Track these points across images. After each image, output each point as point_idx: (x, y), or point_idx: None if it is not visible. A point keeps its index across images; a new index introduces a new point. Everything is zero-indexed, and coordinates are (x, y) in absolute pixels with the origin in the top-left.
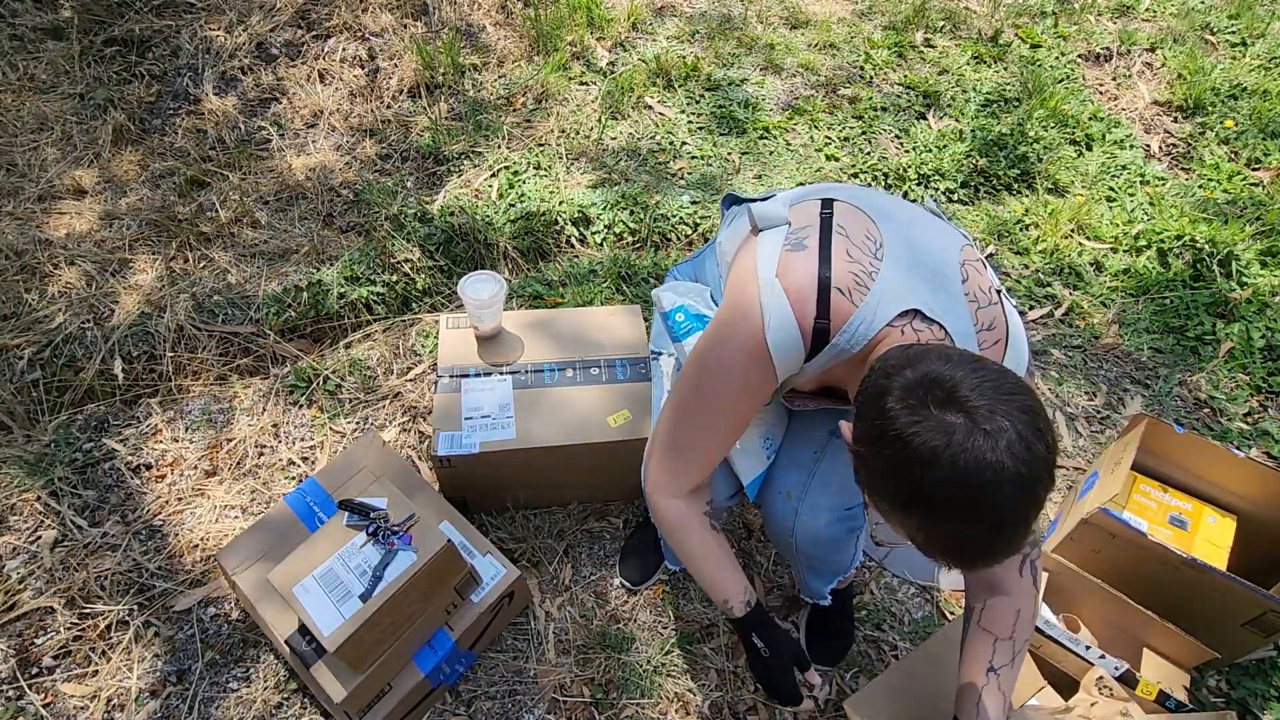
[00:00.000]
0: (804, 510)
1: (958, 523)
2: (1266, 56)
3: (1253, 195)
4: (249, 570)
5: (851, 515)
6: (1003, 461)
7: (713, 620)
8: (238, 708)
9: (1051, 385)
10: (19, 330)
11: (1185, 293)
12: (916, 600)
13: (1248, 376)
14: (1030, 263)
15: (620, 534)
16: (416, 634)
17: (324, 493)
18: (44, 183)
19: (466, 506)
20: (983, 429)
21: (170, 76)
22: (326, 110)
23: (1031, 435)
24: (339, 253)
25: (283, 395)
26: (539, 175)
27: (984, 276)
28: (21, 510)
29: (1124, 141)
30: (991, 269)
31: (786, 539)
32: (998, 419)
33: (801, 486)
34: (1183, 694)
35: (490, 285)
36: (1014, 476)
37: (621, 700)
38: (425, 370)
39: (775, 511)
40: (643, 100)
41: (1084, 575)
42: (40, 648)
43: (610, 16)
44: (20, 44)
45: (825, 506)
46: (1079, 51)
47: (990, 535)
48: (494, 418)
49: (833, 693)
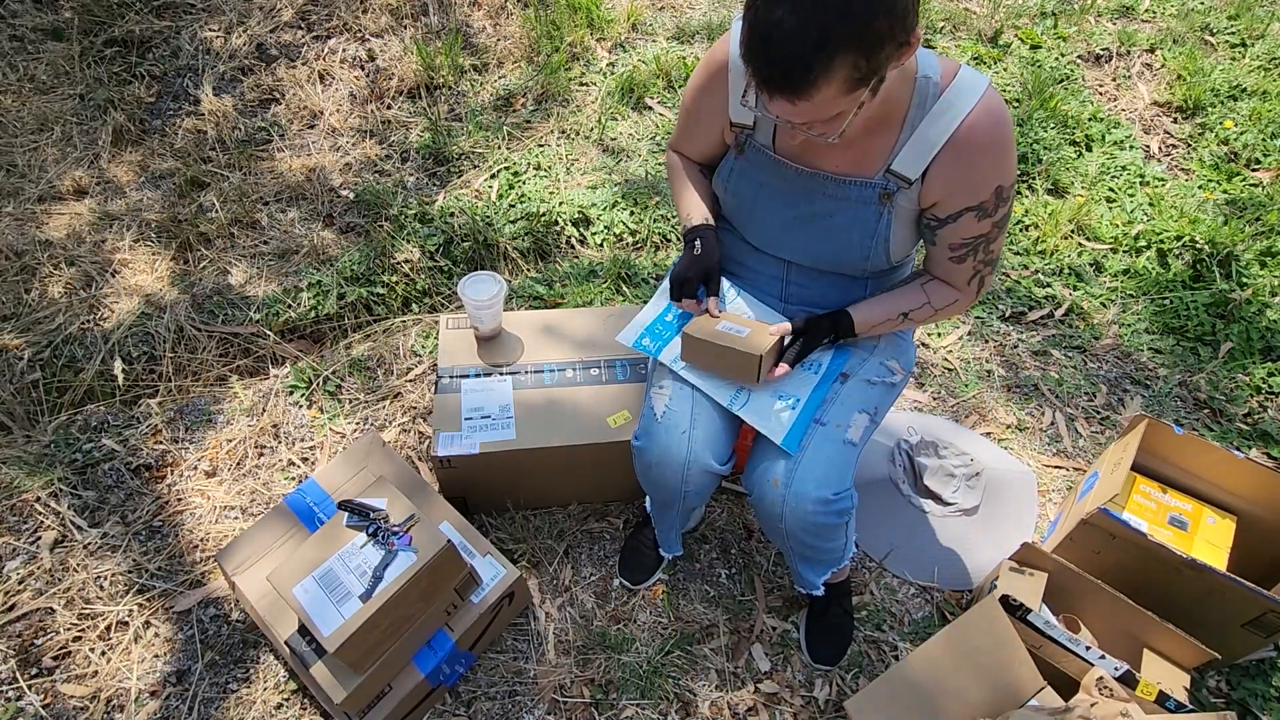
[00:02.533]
0: (791, 497)
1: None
2: (1266, 57)
3: (1253, 195)
4: (249, 571)
5: (839, 499)
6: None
7: (713, 620)
8: (238, 708)
9: (1051, 385)
10: (19, 330)
11: (1185, 293)
12: (916, 600)
13: (1248, 376)
14: (1030, 263)
15: (620, 534)
16: (416, 634)
17: (324, 493)
18: (44, 183)
19: (466, 507)
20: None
21: (170, 77)
22: (326, 111)
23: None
24: (339, 253)
25: (283, 396)
26: (539, 176)
27: None
28: (21, 510)
29: (1124, 142)
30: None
31: (776, 524)
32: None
33: (788, 473)
34: (1183, 694)
35: (490, 286)
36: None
37: (621, 700)
38: (425, 371)
39: (764, 499)
40: (643, 100)
41: (1084, 576)
42: (40, 648)
43: (610, 17)
44: (20, 45)
45: (812, 494)
46: (1079, 52)
47: (793, 16)
48: (494, 418)
49: (833, 693)
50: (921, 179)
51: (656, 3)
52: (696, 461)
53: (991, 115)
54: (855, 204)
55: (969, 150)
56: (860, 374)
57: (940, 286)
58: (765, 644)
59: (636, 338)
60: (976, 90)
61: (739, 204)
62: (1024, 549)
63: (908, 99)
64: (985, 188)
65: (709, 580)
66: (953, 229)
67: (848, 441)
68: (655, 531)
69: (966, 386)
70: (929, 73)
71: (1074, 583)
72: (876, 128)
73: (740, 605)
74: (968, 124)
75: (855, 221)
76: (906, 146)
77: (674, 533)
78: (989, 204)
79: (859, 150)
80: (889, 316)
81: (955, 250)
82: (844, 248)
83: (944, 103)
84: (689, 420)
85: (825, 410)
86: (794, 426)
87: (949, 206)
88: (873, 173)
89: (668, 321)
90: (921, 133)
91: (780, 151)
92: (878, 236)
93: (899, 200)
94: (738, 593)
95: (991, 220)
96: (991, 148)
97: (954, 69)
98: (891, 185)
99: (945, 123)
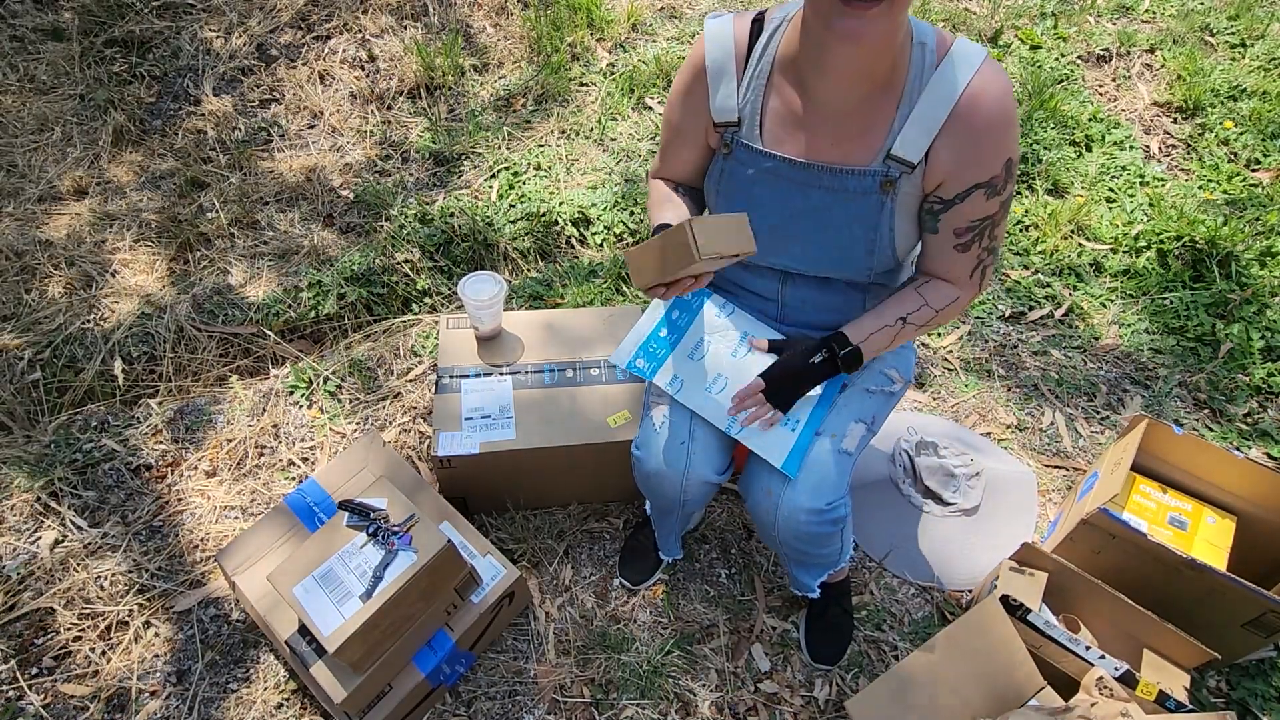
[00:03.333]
0: (783, 506)
1: None
2: (1266, 57)
3: (1253, 195)
4: (249, 571)
5: (833, 509)
6: None
7: (713, 620)
8: (238, 708)
9: (1051, 385)
10: (19, 330)
11: (1185, 293)
12: (916, 600)
13: (1248, 376)
14: (1030, 263)
15: (620, 534)
16: (416, 634)
17: (324, 493)
18: (44, 183)
19: (466, 507)
20: None
21: (170, 77)
22: (326, 111)
23: None
24: (339, 253)
25: (283, 396)
26: (539, 176)
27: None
28: (21, 510)
29: (1124, 142)
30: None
31: (769, 532)
32: None
33: (781, 483)
34: (1183, 694)
35: (490, 286)
36: None
37: (621, 700)
38: (425, 371)
39: (758, 506)
40: (642, 101)
41: (1084, 576)
42: (40, 648)
43: (610, 18)
44: (21, 45)
45: (805, 504)
46: (1079, 52)
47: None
48: (494, 418)
49: (833, 693)
50: (925, 160)
51: (656, 3)
52: (695, 472)
53: (996, 83)
54: (854, 196)
55: (975, 121)
56: (859, 382)
57: (937, 286)
58: (765, 644)
59: (630, 358)
60: (975, 59)
61: (731, 206)
62: (1024, 549)
63: (906, 64)
64: (995, 161)
65: (709, 580)
66: (959, 210)
67: (843, 451)
68: (655, 535)
69: (966, 386)
70: (925, 39)
71: (1074, 583)
72: (878, 95)
73: (740, 605)
74: (971, 93)
75: (856, 215)
76: (906, 125)
77: (673, 537)
78: (999, 179)
79: (856, 127)
80: (885, 323)
81: (961, 235)
82: (846, 245)
83: (941, 73)
84: (688, 431)
85: (822, 419)
86: (794, 450)
87: (957, 184)
88: (870, 160)
89: (661, 338)
90: (920, 108)
91: (769, 146)
92: (881, 229)
93: (901, 187)
94: (738, 593)
95: (999, 199)
96: (999, 117)
97: (949, 40)
98: (893, 171)
99: (946, 93)
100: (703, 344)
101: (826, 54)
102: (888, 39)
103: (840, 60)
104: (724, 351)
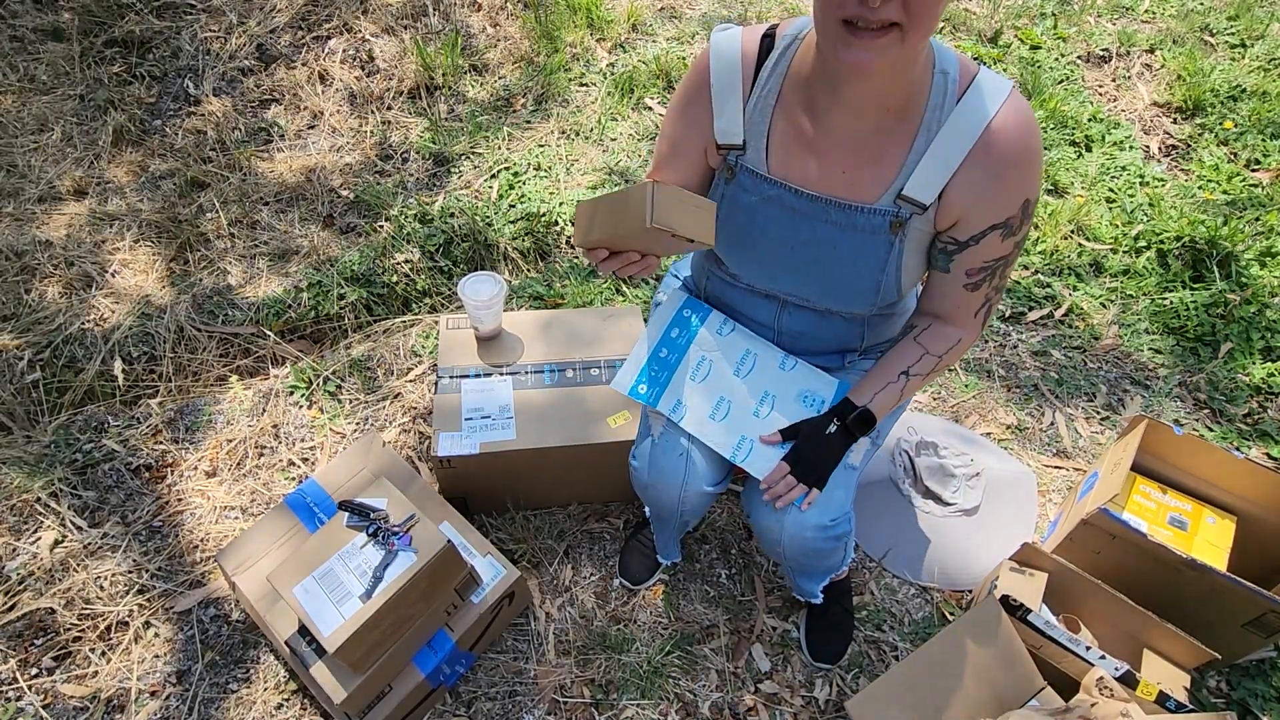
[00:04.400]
0: (789, 524)
1: None
2: (1266, 58)
3: (1253, 196)
4: (249, 571)
5: (837, 524)
6: None
7: (713, 620)
8: (238, 708)
9: (1051, 385)
10: (19, 331)
11: (1185, 293)
12: (916, 601)
13: (1248, 376)
14: (1030, 263)
15: (620, 534)
16: (417, 635)
17: (324, 493)
18: (44, 184)
19: (466, 507)
20: None
21: (170, 78)
22: (326, 111)
23: None
24: (339, 253)
25: (283, 396)
26: (539, 176)
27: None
28: (21, 510)
29: (1123, 142)
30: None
31: (774, 547)
32: None
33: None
34: (1183, 694)
35: (490, 286)
36: None
37: (621, 701)
38: (425, 371)
39: (761, 522)
40: (643, 101)
41: (1084, 576)
42: (40, 648)
43: (610, 18)
44: (20, 45)
45: (811, 521)
46: (1078, 53)
47: None
48: (494, 418)
49: (833, 693)
50: (939, 199)
51: (656, 3)
52: (693, 484)
53: (1021, 120)
54: (862, 234)
55: (996, 161)
56: None
57: (937, 330)
58: (765, 644)
59: (632, 384)
60: (1000, 93)
61: (730, 233)
62: (1024, 549)
63: (926, 92)
64: (1013, 203)
65: (709, 580)
66: (974, 252)
67: (848, 466)
68: (654, 539)
69: (966, 387)
70: (947, 68)
71: (1074, 583)
72: (893, 123)
73: (740, 605)
74: (994, 129)
75: (862, 253)
76: (923, 161)
77: (671, 543)
78: (1015, 220)
79: (869, 155)
80: (889, 380)
81: (972, 276)
82: (851, 280)
83: (964, 107)
84: (686, 442)
85: None
86: None
87: (972, 226)
88: (880, 195)
89: (662, 359)
90: (939, 144)
91: (775, 173)
92: (889, 268)
93: (913, 225)
94: (738, 593)
95: (1014, 240)
96: (1021, 157)
97: (973, 70)
98: (904, 212)
99: (967, 129)
100: (704, 362)
101: (839, 80)
102: (902, 67)
103: (852, 89)
104: (727, 370)
